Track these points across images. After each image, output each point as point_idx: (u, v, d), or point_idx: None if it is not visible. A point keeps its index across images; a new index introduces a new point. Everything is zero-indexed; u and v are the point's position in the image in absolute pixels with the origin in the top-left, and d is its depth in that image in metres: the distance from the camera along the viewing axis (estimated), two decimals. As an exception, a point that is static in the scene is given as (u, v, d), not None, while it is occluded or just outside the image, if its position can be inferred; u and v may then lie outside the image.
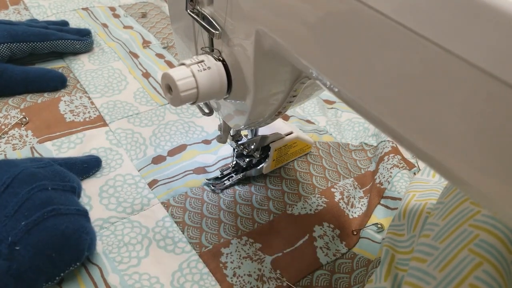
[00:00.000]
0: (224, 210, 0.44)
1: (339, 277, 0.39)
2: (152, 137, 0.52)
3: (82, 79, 0.60)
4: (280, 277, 0.39)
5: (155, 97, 0.58)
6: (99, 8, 0.78)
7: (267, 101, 0.32)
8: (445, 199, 0.32)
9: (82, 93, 0.57)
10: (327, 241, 0.42)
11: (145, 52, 0.67)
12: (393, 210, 0.45)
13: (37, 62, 0.62)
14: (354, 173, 0.51)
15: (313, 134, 0.56)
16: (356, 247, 0.42)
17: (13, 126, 0.50)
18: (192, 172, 0.48)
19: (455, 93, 0.16)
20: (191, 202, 0.44)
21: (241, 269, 0.39)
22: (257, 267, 0.39)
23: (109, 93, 0.58)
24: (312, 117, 0.59)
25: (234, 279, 0.38)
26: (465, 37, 0.15)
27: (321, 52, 0.22)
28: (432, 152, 0.18)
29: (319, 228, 0.43)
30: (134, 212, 0.43)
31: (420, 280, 0.28)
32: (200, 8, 0.30)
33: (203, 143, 0.52)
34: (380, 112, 0.20)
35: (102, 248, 0.39)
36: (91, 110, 0.55)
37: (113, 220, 0.42)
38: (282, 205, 0.45)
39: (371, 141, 0.56)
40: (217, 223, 0.43)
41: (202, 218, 0.43)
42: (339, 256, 0.41)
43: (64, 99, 0.56)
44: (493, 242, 0.27)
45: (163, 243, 0.40)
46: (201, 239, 0.41)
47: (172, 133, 0.53)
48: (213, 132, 0.54)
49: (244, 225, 0.43)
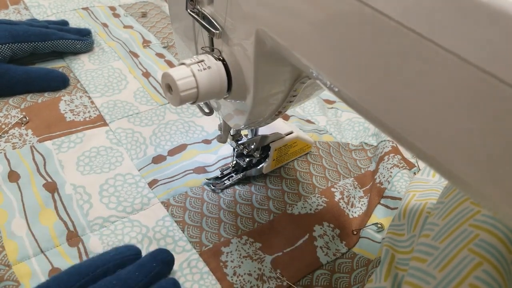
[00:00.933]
0: (224, 209, 0.44)
1: (339, 277, 0.39)
2: (152, 136, 0.52)
3: (82, 79, 0.60)
4: (280, 277, 0.39)
5: (155, 97, 0.58)
6: (99, 7, 0.78)
7: (267, 100, 0.32)
8: (445, 199, 0.32)
9: (82, 92, 0.57)
10: (327, 240, 0.42)
11: (145, 51, 0.67)
12: (393, 210, 0.45)
13: (38, 62, 0.61)
14: (354, 173, 0.51)
15: (313, 133, 0.56)
16: (356, 247, 0.42)
17: (13, 126, 0.50)
18: (192, 171, 0.48)
19: (455, 93, 0.16)
20: (191, 201, 0.44)
21: (241, 268, 0.39)
22: (257, 267, 0.39)
23: (109, 93, 0.58)
24: (312, 117, 0.59)
25: (235, 278, 0.38)
26: (463, 35, 0.15)
27: (321, 51, 0.22)
28: (433, 152, 0.18)
29: (319, 228, 0.43)
30: (134, 212, 0.43)
31: (420, 280, 0.28)
32: (200, 8, 0.30)
33: (203, 142, 0.52)
34: (380, 112, 0.20)
35: (102, 247, 0.39)
36: (91, 109, 0.55)
37: (113, 219, 0.42)
38: (282, 205, 0.45)
39: (371, 140, 0.56)
40: (217, 222, 0.43)
41: (202, 217, 0.43)
42: (339, 255, 0.41)
43: (65, 99, 0.56)
44: (493, 242, 0.27)
45: (164, 242, 0.40)
46: (201, 238, 0.41)
47: (172, 133, 0.53)
48: (213, 131, 0.54)
49: (244, 224, 0.43)
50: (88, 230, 0.41)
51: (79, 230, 0.41)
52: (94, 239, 0.40)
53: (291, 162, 0.50)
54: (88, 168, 0.47)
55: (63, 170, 0.46)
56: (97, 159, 0.48)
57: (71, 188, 0.44)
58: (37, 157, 0.47)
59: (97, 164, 0.47)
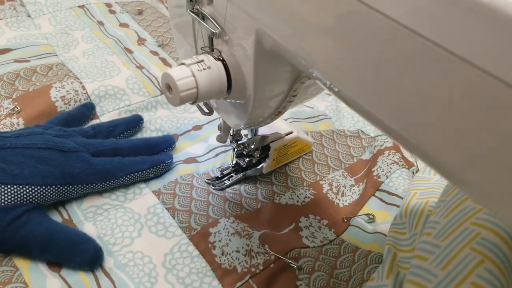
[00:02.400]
0: (213, 193, 0.45)
1: (326, 253, 0.40)
2: (144, 130, 0.53)
3: (75, 69, 0.59)
4: (269, 251, 0.39)
5: (148, 86, 0.58)
6: (95, 5, 0.77)
7: (267, 100, 0.32)
8: (447, 197, 0.32)
9: (74, 79, 0.56)
10: (313, 231, 0.43)
11: (140, 48, 0.67)
12: (388, 205, 0.46)
13: (33, 60, 0.61)
14: (345, 164, 0.51)
15: (307, 124, 0.56)
16: (345, 234, 0.43)
17: (5, 116, 0.50)
18: (182, 162, 0.49)
19: (455, 93, 0.16)
20: (180, 187, 0.45)
21: (229, 246, 0.40)
22: (245, 243, 0.40)
23: (100, 78, 0.57)
24: (310, 103, 0.60)
25: (223, 258, 0.39)
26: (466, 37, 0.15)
27: (321, 52, 0.22)
28: (433, 152, 0.18)
29: (305, 220, 0.44)
30: (127, 201, 0.44)
31: (422, 278, 0.28)
32: (200, 8, 0.30)
33: (194, 129, 0.53)
34: (380, 112, 0.20)
35: (96, 232, 0.40)
36: (82, 97, 0.54)
37: (106, 207, 0.43)
38: (270, 194, 0.46)
39: (368, 130, 0.56)
40: (206, 205, 0.44)
41: (191, 201, 0.44)
42: (326, 242, 0.42)
43: (55, 86, 0.54)
44: (495, 240, 0.27)
45: (155, 229, 0.41)
46: (190, 222, 0.42)
47: (163, 129, 0.53)
48: (203, 117, 0.54)
49: (232, 208, 0.44)
50: (82, 217, 0.42)
51: (74, 218, 0.41)
52: (88, 225, 0.41)
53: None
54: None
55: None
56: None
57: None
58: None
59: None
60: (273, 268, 0.38)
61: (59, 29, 0.69)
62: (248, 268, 0.38)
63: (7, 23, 0.68)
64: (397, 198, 0.46)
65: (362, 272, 0.38)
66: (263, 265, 0.38)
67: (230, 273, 0.38)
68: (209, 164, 0.49)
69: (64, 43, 0.65)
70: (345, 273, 0.39)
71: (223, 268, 0.38)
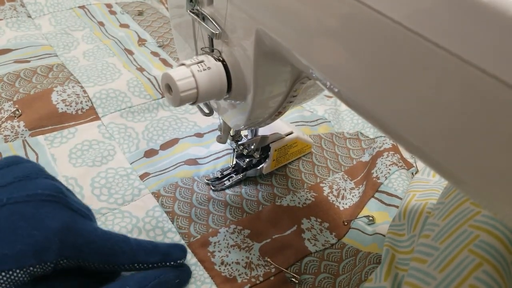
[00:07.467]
0: (214, 198, 0.45)
1: (327, 264, 0.40)
2: (144, 131, 0.52)
3: (76, 72, 0.59)
4: (269, 263, 0.39)
5: (149, 89, 0.58)
6: (95, 5, 0.77)
7: (267, 101, 0.32)
8: (446, 199, 0.32)
9: (75, 82, 0.56)
10: (314, 233, 0.43)
11: (140, 49, 0.67)
12: (387, 206, 0.46)
13: (33, 60, 0.61)
14: (345, 166, 0.51)
15: (306, 127, 0.56)
16: (346, 237, 0.43)
17: (6, 119, 0.50)
18: (183, 163, 0.48)
19: (455, 93, 0.16)
20: (181, 191, 0.45)
21: (229, 258, 0.39)
22: (245, 255, 0.40)
23: (102, 82, 0.57)
24: (310, 107, 0.60)
25: (222, 267, 0.38)
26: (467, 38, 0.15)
27: (321, 52, 0.22)
28: (433, 152, 0.18)
29: (306, 221, 0.44)
30: (125, 203, 0.43)
31: (420, 281, 0.28)
32: (200, 8, 0.30)
33: (196, 136, 0.53)
34: (380, 113, 0.20)
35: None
36: (83, 100, 0.54)
37: (104, 211, 0.42)
38: (271, 197, 0.46)
39: (367, 132, 0.56)
40: (206, 214, 0.43)
41: (192, 208, 0.43)
42: (328, 246, 0.42)
43: (57, 89, 0.55)
44: (493, 242, 0.27)
45: (153, 233, 0.41)
46: (189, 229, 0.41)
47: (165, 128, 0.53)
48: (205, 126, 0.54)
49: (233, 214, 0.43)
50: None
51: None
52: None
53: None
54: (80, 161, 0.47)
55: (56, 162, 0.47)
56: (89, 152, 0.48)
57: (63, 180, 0.44)
58: (30, 152, 0.47)
59: (89, 157, 0.48)
60: (273, 281, 0.38)
61: (60, 29, 0.69)
62: (248, 279, 0.38)
63: (7, 24, 0.68)
64: (397, 199, 0.46)
65: (360, 273, 0.38)
66: (263, 276, 0.38)
67: (229, 281, 0.37)
68: (210, 166, 0.49)
69: (65, 43, 0.65)
70: (346, 279, 0.38)
71: (223, 276, 0.38)
